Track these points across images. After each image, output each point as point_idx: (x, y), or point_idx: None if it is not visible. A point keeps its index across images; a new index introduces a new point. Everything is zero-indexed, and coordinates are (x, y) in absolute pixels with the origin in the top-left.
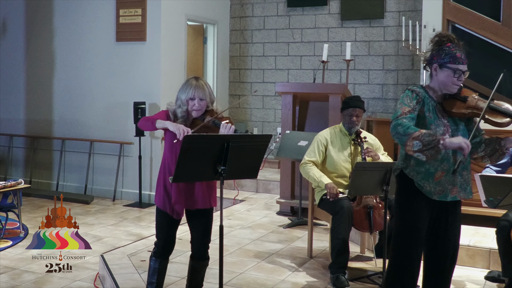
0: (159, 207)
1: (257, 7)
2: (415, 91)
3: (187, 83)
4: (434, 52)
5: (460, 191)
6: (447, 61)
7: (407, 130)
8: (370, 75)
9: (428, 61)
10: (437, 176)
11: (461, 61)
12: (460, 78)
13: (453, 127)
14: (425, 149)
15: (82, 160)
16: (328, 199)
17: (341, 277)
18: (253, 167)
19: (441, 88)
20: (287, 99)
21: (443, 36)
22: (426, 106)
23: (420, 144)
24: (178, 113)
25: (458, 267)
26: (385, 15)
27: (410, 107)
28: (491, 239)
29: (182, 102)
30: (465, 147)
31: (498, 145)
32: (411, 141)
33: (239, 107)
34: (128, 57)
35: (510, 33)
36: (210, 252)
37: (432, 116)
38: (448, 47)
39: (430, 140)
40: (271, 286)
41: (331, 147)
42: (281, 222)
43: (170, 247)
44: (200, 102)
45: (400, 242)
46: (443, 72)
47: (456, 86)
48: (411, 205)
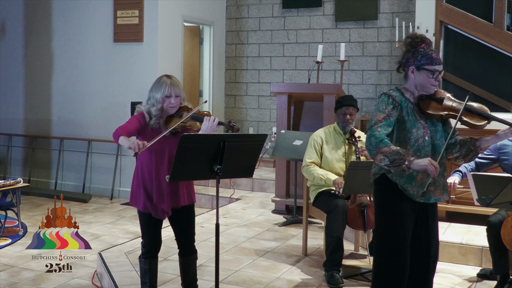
0: (142, 211)
1: (252, 8)
2: (391, 96)
3: (160, 82)
4: (409, 55)
5: (443, 193)
6: (424, 62)
7: (379, 144)
8: (364, 76)
9: (403, 64)
10: (418, 178)
11: (437, 62)
12: (438, 79)
13: (431, 128)
14: (391, 166)
15: (80, 159)
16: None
17: (336, 275)
18: (248, 166)
19: (418, 89)
20: (282, 99)
21: (415, 37)
22: (405, 110)
23: (387, 161)
24: (153, 111)
25: (450, 265)
26: (379, 16)
27: (385, 113)
28: (483, 237)
29: (157, 100)
30: (431, 170)
31: (473, 146)
32: (379, 155)
33: (234, 106)
34: (126, 57)
35: (502, 34)
36: (206, 251)
37: (411, 119)
38: (423, 49)
39: (396, 159)
40: (266, 283)
41: (326, 147)
42: (276, 220)
43: (157, 246)
44: (176, 99)
45: (390, 247)
46: (421, 74)
47: (434, 87)
48: (397, 208)
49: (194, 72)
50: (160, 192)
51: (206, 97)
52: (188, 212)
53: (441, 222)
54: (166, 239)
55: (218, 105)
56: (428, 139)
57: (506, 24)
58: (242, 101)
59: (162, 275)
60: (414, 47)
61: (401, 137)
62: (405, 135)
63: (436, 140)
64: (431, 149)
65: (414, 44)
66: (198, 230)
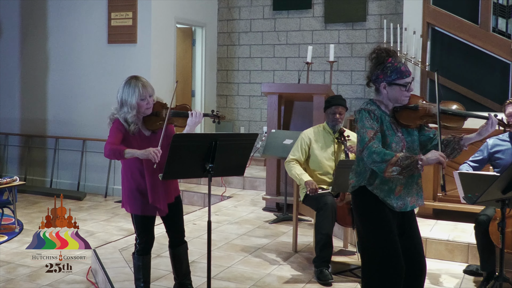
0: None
1: (243, 10)
2: (371, 111)
3: (130, 85)
4: (378, 71)
5: (418, 199)
6: (394, 78)
7: (384, 157)
8: (353, 76)
9: (373, 80)
10: (397, 191)
11: (407, 74)
12: (410, 89)
13: (408, 139)
14: (404, 172)
15: (75, 158)
16: (312, 195)
17: (325, 271)
18: (240, 164)
19: (392, 102)
20: (273, 99)
21: (381, 51)
22: (385, 123)
23: (399, 169)
24: (129, 118)
25: (437, 261)
26: (367, 18)
27: (373, 129)
28: (469, 234)
29: (131, 106)
30: (443, 160)
31: (457, 145)
32: (390, 167)
33: (226, 106)
34: (120, 58)
35: (488, 35)
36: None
37: (390, 133)
38: (391, 63)
39: (408, 163)
40: (257, 280)
41: (315, 146)
42: (267, 217)
43: (151, 244)
44: (150, 99)
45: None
46: (393, 89)
47: (407, 98)
48: (381, 217)
49: (186, 73)
50: (155, 192)
51: (198, 98)
52: (175, 204)
53: (428, 220)
54: (158, 236)
55: (210, 105)
56: (405, 151)
57: (492, 25)
58: (234, 101)
59: (155, 271)
60: (382, 63)
61: None
62: (386, 149)
63: (413, 150)
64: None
65: (381, 59)
66: (190, 228)
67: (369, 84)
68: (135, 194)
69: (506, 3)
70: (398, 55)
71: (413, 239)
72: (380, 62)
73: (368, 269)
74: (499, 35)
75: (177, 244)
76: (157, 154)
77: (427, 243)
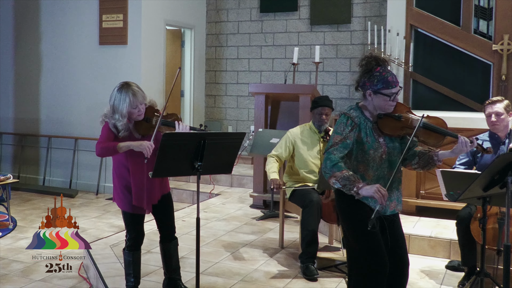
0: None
1: (231, 12)
2: (350, 117)
3: (122, 93)
4: (365, 79)
5: (398, 204)
6: (380, 87)
7: (332, 168)
8: (338, 77)
9: (360, 85)
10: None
11: (394, 85)
12: (395, 99)
13: (389, 145)
14: (343, 189)
15: (67, 157)
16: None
17: (311, 266)
18: (228, 163)
19: (377, 109)
20: (260, 99)
21: (371, 59)
22: (363, 131)
23: (339, 184)
24: (119, 126)
25: (420, 257)
26: (352, 20)
27: (342, 135)
28: (451, 230)
29: (122, 114)
30: (377, 197)
31: (431, 159)
32: (332, 179)
33: (214, 106)
34: (111, 59)
35: (469, 37)
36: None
37: (370, 140)
38: (379, 72)
39: (347, 184)
40: (244, 275)
41: (301, 145)
42: (254, 214)
43: (141, 240)
44: (141, 106)
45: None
46: (378, 97)
47: (392, 107)
48: (363, 215)
49: (175, 73)
50: (140, 192)
51: (187, 98)
52: (166, 200)
53: (411, 216)
54: (148, 232)
55: (199, 105)
56: (386, 157)
57: (473, 27)
58: (222, 101)
59: (146, 266)
60: (370, 71)
61: (359, 157)
62: (363, 156)
63: (394, 157)
64: (387, 166)
65: (370, 67)
66: (180, 224)
67: (357, 88)
68: (125, 192)
69: (487, 5)
70: (388, 64)
71: (395, 237)
72: (368, 70)
73: (354, 265)
74: (480, 36)
75: (168, 240)
76: (150, 149)
77: (410, 239)
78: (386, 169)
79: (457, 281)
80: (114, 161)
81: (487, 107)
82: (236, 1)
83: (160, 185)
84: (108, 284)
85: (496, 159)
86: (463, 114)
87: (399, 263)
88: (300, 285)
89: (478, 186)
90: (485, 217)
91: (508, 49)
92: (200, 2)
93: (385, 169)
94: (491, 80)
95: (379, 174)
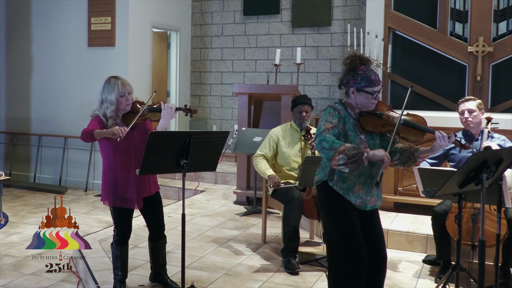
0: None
1: (216, 15)
2: (336, 109)
3: (110, 84)
4: (349, 77)
5: (377, 200)
6: (363, 85)
7: (332, 145)
8: (319, 77)
9: (344, 83)
10: (355, 189)
11: (376, 83)
12: (377, 97)
13: (370, 142)
14: (349, 162)
15: (57, 155)
16: (279, 189)
17: (292, 261)
18: (212, 160)
19: (359, 107)
20: (243, 99)
21: (355, 58)
22: (347, 124)
23: (346, 158)
24: (108, 113)
25: (398, 252)
26: (332, 22)
27: (332, 123)
28: (428, 226)
29: (111, 102)
30: (386, 160)
31: (411, 155)
32: (337, 155)
33: (199, 106)
34: (99, 60)
35: (446, 39)
36: (173, 238)
37: (352, 135)
38: (362, 71)
39: (354, 154)
40: (228, 269)
41: (283, 143)
42: (237, 210)
43: (128, 234)
44: (129, 96)
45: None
46: (361, 95)
47: (373, 105)
48: (343, 210)
49: (162, 74)
50: (127, 185)
51: (173, 98)
52: (156, 199)
53: (389, 212)
54: (135, 228)
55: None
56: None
57: (449, 30)
58: (206, 100)
59: (133, 261)
60: (354, 69)
61: None
62: None
63: None
64: (368, 162)
65: (354, 66)
66: (166, 220)
67: (340, 86)
68: (113, 187)
69: (463, 8)
70: (371, 64)
71: (374, 232)
72: (352, 68)
73: (333, 259)
74: (456, 38)
75: (157, 238)
76: (121, 132)
77: (388, 234)
78: (367, 167)
79: (434, 274)
80: (104, 159)
81: (460, 105)
82: (220, 4)
83: (150, 180)
84: (96, 278)
85: (471, 157)
86: (440, 113)
87: (377, 257)
88: (282, 279)
89: (454, 183)
90: (461, 213)
91: (483, 50)
92: (186, 5)
93: (366, 167)
94: (467, 80)
95: (360, 170)
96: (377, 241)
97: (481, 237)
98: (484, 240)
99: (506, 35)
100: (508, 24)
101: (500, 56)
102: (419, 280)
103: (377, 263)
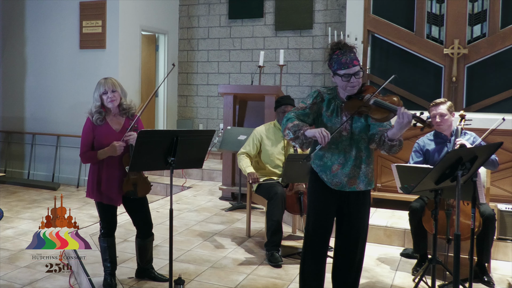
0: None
1: (202, 19)
2: (320, 92)
3: (97, 84)
4: (328, 62)
5: (359, 183)
6: (336, 68)
7: (286, 122)
8: (301, 78)
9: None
10: (334, 169)
11: (346, 66)
12: (352, 80)
13: (354, 125)
14: (294, 138)
15: (50, 152)
16: (264, 186)
17: (275, 254)
18: (198, 158)
19: (343, 90)
20: (228, 99)
21: (334, 45)
22: (328, 105)
23: (291, 134)
24: (93, 108)
25: (377, 245)
26: (314, 26)
27: (305, 104)
28: (405, 221)
29: (95, 99)
30: (318, 137)
31: (384, 136)
32: (285, 131)
33: (186, 105)
34: (90, 62)
35: (422, 41)
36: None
37: (331, 115)
38: (336, 55)
39: (296, 130)
40: (214, 262)
41: (266, 141)
42: (223, 206)
43: (113, 227)
44: (113, 93)
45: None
46: (336, 78)
47: (352, 88)
48: (318, 193)
49: (150, 75)
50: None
51: (161, 98)
52: (142, 199)
53: None
54: (125, 222)
55: (172, 104)
56: (347, 134)
57: (426, 33)
58: (193, 100)
59: (122, 254)
60: (331, 54)
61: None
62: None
63: (355, 136)
64: (348, 144)
65: (331, 52)
66: (154, 215)
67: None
68: (98, 184)
69: (439, 12)
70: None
71: (350, 216)
72: (330, 54)
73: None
74: (433, 41)
75: (145, 236)
76: (120, 147)
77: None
78: (348, 147)
79: (411, 267)
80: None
81: (431, 109)
82: (206, 8)
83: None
84: (88, 270)
85: (447, 155)
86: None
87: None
88: (265, 271)
89: (431, 180)
90: (437, 208)
91: (458, 52)
92: (173, 9)
93: (346, 147)
94: (443, 81)
95: (340, 149)
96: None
97: (457, 231)
98: (459, 235)
99: (480, 38)
100: (482, 27)
101: (474, 58)
102: (397, 272)
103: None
